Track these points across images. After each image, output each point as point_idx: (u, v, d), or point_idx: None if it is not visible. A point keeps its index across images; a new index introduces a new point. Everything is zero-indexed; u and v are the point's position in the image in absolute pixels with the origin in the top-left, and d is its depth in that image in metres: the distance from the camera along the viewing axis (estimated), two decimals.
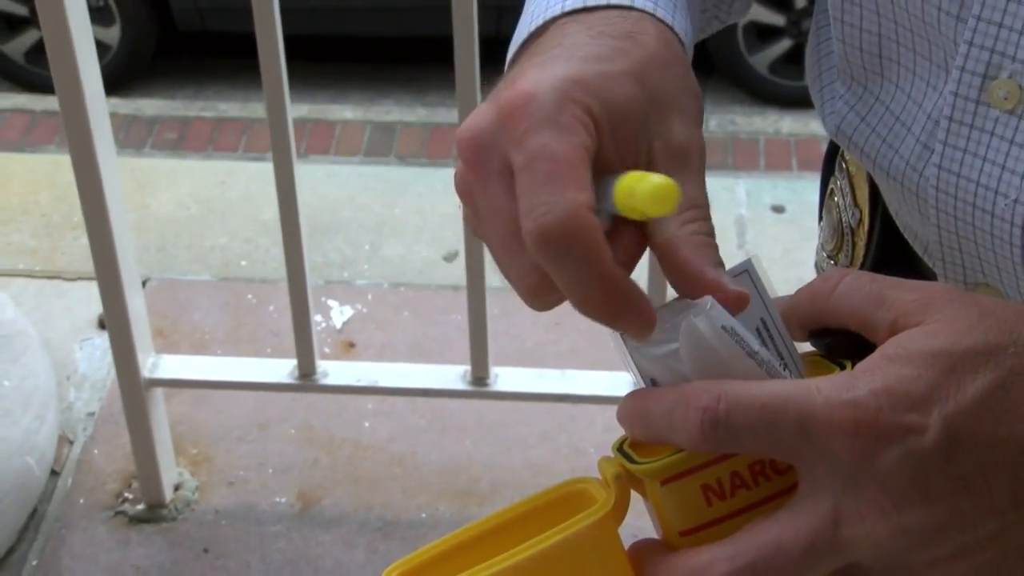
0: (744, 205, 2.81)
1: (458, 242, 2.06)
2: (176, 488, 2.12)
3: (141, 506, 2.10)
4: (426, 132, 3.41)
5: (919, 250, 0.70)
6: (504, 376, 1.99)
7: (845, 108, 0.70)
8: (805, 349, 0.54)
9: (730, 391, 0.49)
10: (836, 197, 0.81)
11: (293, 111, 1.75)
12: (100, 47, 1.77)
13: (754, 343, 0.51)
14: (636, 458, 0.52)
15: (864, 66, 0.68)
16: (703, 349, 0.50)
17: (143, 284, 2.12)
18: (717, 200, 2.82)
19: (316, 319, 2.13)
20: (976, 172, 0.60)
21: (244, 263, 2.65)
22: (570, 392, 1.96)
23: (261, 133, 3.32)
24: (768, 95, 3.86)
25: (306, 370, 1.98)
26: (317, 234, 2.66)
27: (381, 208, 2.82)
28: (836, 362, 0.52)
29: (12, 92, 3.85)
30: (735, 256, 2.60)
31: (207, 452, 2.20)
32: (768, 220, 2.77)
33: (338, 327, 2.46)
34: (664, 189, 0.48)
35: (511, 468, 2.15)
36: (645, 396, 0.51)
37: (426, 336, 2.43)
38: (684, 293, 0.53)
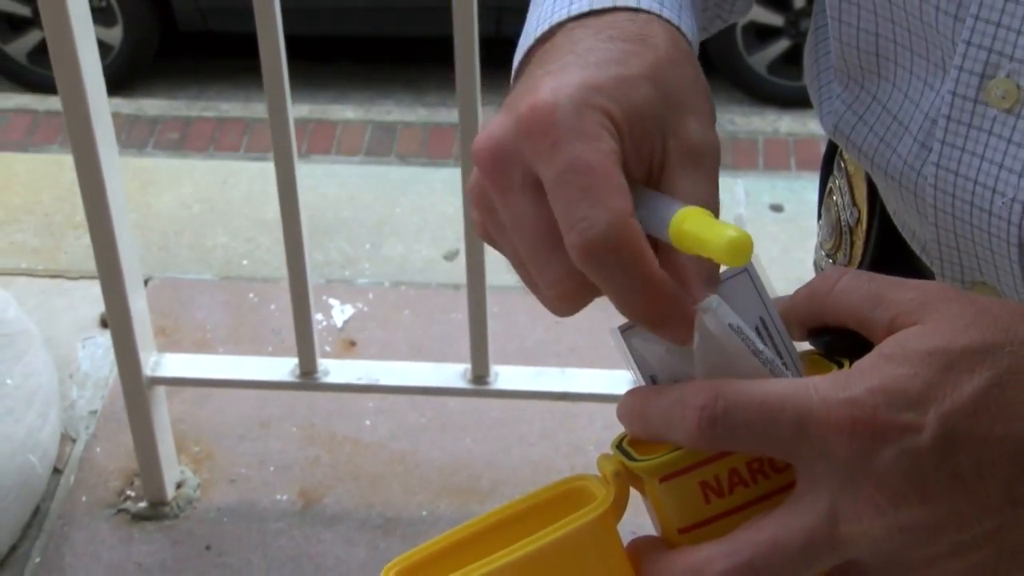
0: (743, 204, 2.80)
1: (458, 241, 2.06)
2: (178, 486, 2.12)
3: (143, 504, 2.10)
4: (426, 132, 3.40)
5: (917, 249, 0.70)
6: (504, 374, 1.99)
7: (843, 107, 0.70)
8: (804, 348, 0.54)
9: (728, 390, 0.49)
10: (835, 196, 0.81)
11: (294, 111, 1.75)
12: (102, 47, 1.77)
13: (758, 342, 0.51)
14: (635, 455, 0.52)
15: (862, 65, 0.68)
16: (711, 345, 0.50)
17: (145, 283, 2.11)
18: None
19: (317, 318, 2.13)
20: (974, 171, 0.60)
21: (246, 262, 2.65)
22: (569, 390, 1.96)
23: (262, 133, 3.32)
24: (767, 95, 3.85)
25: (307, 368, 1.98)
26: (318, 233, 2.65)
27: (382, 207, 2.81)
28: (834, 360, 0.52)
29: (15, 92, 3.85)
30: None
31: (209, 450, 2.20)
32: (767, 219, 2.77)
33: (339, 326, 2.45)
34: (740, 244, 0.47)
35: (511, 466, 2.15)
36: (644, 394, 0.51)
37: (426, 335, 2.43)
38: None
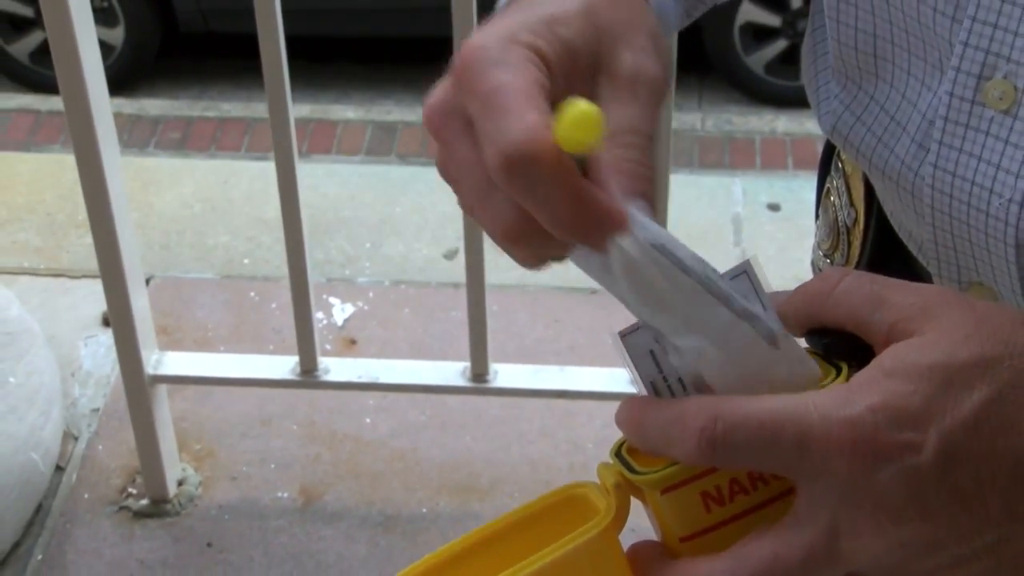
0: (740, 203, 2.81)
1: (458, 240, 2.07)
2: (179, 483, 2.12)
3: (145, 501, 2.10)
4: (426, 132, 3.39)
5: (913, 250, 0.70)
6: (503, 372, 1.99)
7: (840, 107, 0.70)
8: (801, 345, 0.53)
9: (726, 410, 0.48)
10: (832, 197, 0.81)
11: (295, 111, 1.76)
12: (104, 48, 1.78)
13: (691, 259, 0.48)
14: (635, 466, 0.52)
15: (859, 66, 0.68)
16: (636, 273, 0.48)
17: (147, 282, 2.12)
18: (714, 198, 2.85)
19: (318, 316, 2.14)
20: (971, 171, 0.60)
21: (247, 261, 2.65)
22: (569, 388, 1.97)
23: (263, 133, 3.32)
24: (764, 95, 3.86)
25: (308, 367, 1.98)
26: (319, 232, 2.65)
27: (382, 207, 2.82)
28: (833, 363, 0.52)
29: (17, 92, 3.85)
30: (731, 253, 2.62)
31: (210, 448, 2.20)
32: (764, 218, 2.77)
33: (339, 324, 2.46)
34: (586, 115, 0.46)
35: (510, 463, 2.16)
36: (642, 408, 0.51)
37: (426, 333, 2.43)
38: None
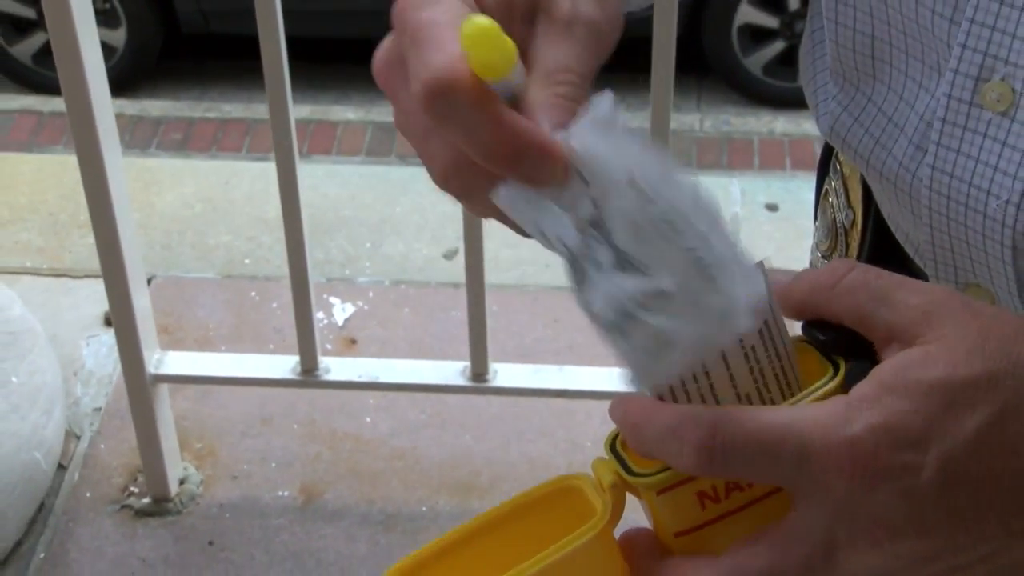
0: (739, 203, 2.81)
1: (458, 240, 2.07)
2: (181, 482, 2.12)
3: (147, 500, 2.10)
4: None
5: (910, 251, 0.70)
6: (503, 372, 1.99)
7: (838, 109, 0.70)
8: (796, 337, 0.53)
9: (725, 423, 0.47)
10: (831, 198, 0.81)
11: (296, 112, 1.76)
12: (106, 49, 1.78)
13: (633, 143, 0.47)
14: (631, 465, 0.52)
15: (857, 67, 0.68)
16: (597, 166, 0.47)
17: (148, 282, 2.12)
18: None
19: (318, 316, 2.14)
20: (969, 173, 0.60)
21: (248, 261, 2.65)
22: (568, 388, 1.96)
23: (264, 134, 3.32)
24: (762, 96, 3.86)
25: (308, 366, 1.98)
26: (319, 232, 2.65)
27: (382, 207, 2.82)
28: (830, 359, 0.52)
29: (20, 93, 3.85)
30: None
31: (211, 447, 2.20)
32: (762, 218, 2.77)
33: (340, 324, 2.46)
34: (482, 29, 0.45)
35: (510, 462, 2.16)
36: (639, 412, 0.50)
37: (426, 333, 2.43)
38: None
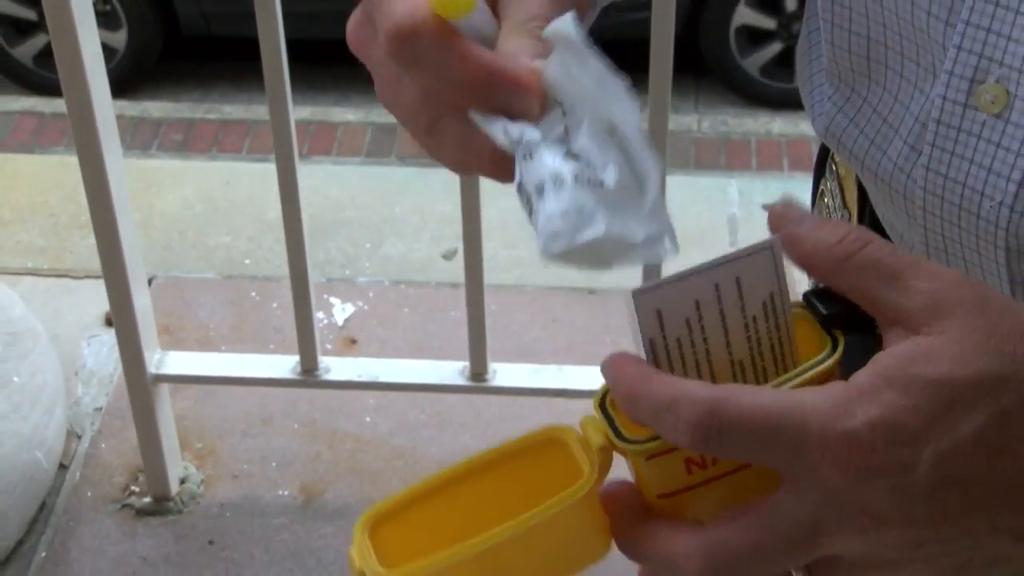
0: (736, 204, 2.82)
1: (457, 240, 2.07)
2: (182, 481, 2.13)
3: (147, 499, 2.11)
4: None
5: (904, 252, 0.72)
6: (502, 372, 1.99)
7: (834, 109, 0.70)
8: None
9: (722, 406, 0.47)
10: (826, 199, 0.81)
11: (296, 113, 1.76)
12: (107, 51, 1.79)
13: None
14: (621, 429, 0.52)
15: (852, 68, 0.68)
16: (572, 96, 0.48)
17: (149, 282, 2.13)
18: (710, 199, 2.86)
19: (318, 316, 2.14)
20: (963, 174, 0.61)
21: (248, 261, 2.66)
22: (566, 387, 1.97)
23: (265, 135, 3.31)
24: (760, 97, 3.86)
25: (308, 366, 1.98)
26: (319, 233, 2.65)
27: (382, 207, 2.82)
28: (828, 331, 0.52)
29: (21, 95, 3.85)
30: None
31: (212, 446, 2.21)
32: (759, 218, 2.71)
33: (340, 324, 2.46)
34: None
35: None
36: (634, 381, 0.49)
37: (426, 332, 2.44)
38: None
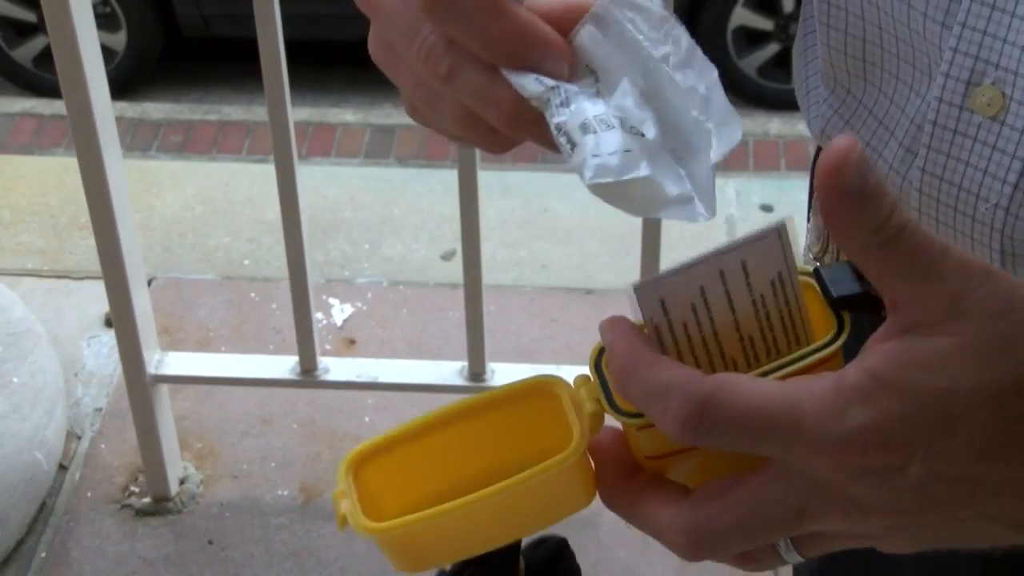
0: (734, 204, 2.82)
1: (455, 241, 2.09)
2: (181, 482, 2.13)
3: (147, 499, 2.11)
4: (424, 134, 3.37)
5: None
6: (500, 371, 1.99)
7: (829, 111, 0.70)
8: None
9: (713, 400, 0.46)
10: None
11: (295, 114, 1.77)
12: (107, 52, 1.80)
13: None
14: (615, 397, 0.51)
15: (848, 70, 0.68)
16: (604, 63, 0.49)
17: (149, 283, 2.13)
18: None
19: (317, 316, 2.14)
20: (959, 176, 0.61)
21: (247, 262, 2.66)
22: None
23: (264, 136, 3.32)
24: (757, 97, 3.85)
25: (308, 366, 1.99)
26: (318, 233, 2.66)
27: (381, 208, 2.83)
28: (836, 312, 0.51)
29: (21, 96, 3.85)
30: None
31: (211, 446, 2.21)
32: (757, 219, 2.77)
33: (339, 324, 2.47)
34: None
35: None
36: (625, 366, 0.48)
37: (424, 333, 2.44)
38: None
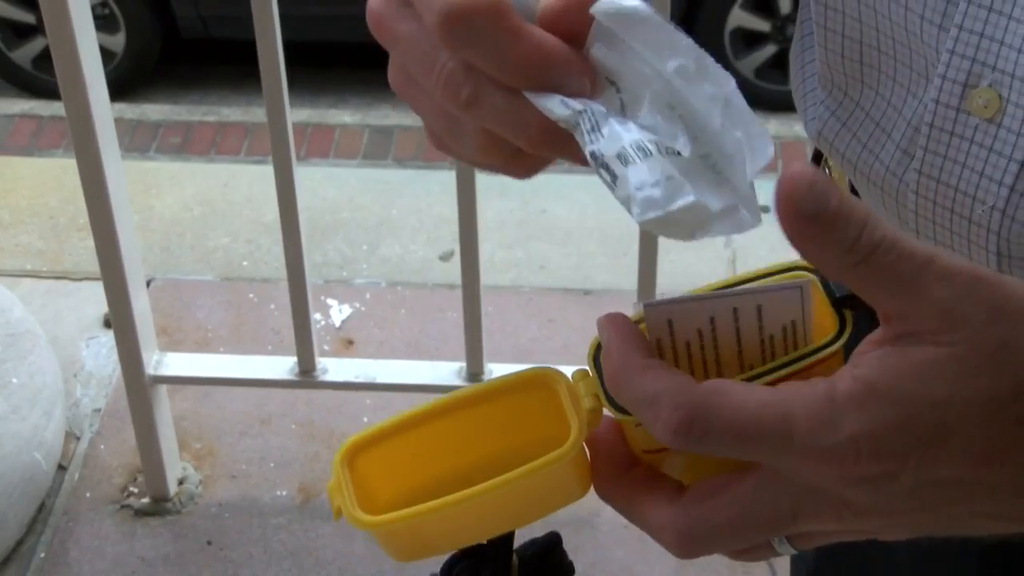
0: None
1: (454, 242, 2.09)
2: (180, 482, 2.13)
3: (146, 500, 2.11)
4: (423, 135, 3.32)
5: None
6: (499, 372, 1.98)
7: (827, 113, 0.70)
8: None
9: (704, 409, 0.45)
10: None
11: (294, 116, 1.77)
12: (105, 54, 1.80)
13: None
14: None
15: (845, 72, 0.68)
16: (624, 74, 0.48)
17: (147, 284, 2.13)
18: None
19: (316, 317, 2.14)
20: (956, 178, 0.61)
21: (246, 263, 2.67)
22: None
23: (263, 137, 3.29)
24: (754, 99, 3.78)
25: (306, 367, 1.99)
26: (317, 234, 2.67)
27: (379, 209, 2.83)
28: (837, 310, 0.50)
29: (20, 98, 3.85)
30: (722, 254, 2.64)
31: (210, 447, 2.22)
32: None
33: (337, 325, 2.47)
34: None
35: None
36: (618, 369, 0.48)
37: (423, 333, 2.44)
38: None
